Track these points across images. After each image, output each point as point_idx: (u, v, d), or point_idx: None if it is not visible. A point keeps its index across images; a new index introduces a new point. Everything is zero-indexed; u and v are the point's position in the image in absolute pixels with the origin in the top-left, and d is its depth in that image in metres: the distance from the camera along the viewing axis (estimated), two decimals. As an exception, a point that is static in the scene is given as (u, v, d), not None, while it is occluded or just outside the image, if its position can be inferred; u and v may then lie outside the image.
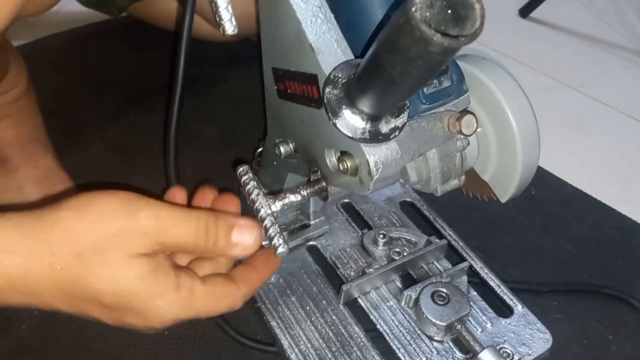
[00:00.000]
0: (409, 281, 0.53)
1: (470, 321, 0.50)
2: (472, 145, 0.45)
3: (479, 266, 0.55)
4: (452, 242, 0.56)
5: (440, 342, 0.48)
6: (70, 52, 0.79)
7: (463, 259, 0.55)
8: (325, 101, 0.35)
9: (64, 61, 0.78)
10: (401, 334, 0.49)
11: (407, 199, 0.61)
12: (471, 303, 0.49)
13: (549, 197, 0.66)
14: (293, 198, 0.41)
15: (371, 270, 0.52)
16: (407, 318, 0.50)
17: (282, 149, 0.46)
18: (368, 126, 0.34)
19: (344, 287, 0.50)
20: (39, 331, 0.51)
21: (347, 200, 0.60)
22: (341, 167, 0.37)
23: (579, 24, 0.95)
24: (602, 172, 0.70)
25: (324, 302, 0.51)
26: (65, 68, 0.77)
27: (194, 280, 0.35)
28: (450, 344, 0.48)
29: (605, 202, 0.66)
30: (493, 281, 0.53)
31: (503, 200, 0.47)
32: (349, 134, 0.34)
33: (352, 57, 0.37)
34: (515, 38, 0.91)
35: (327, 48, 0.36)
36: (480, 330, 0.49)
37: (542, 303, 0.55)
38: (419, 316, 0.49)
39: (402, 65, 0.27)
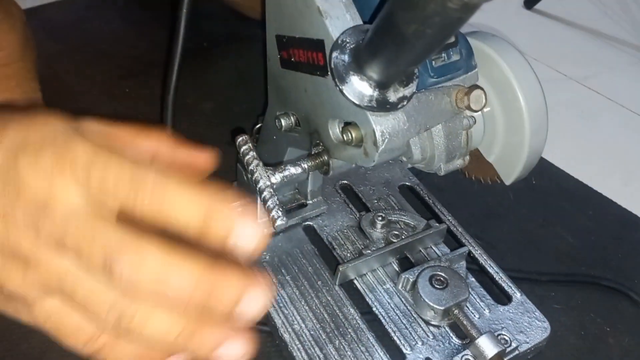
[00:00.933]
0: (406, 265, 0.52)
1: (467, 307, 0.49)
2: (478, 125, 0.44)
3: (477, 252, 0.53)
4: (452, 228, 0.55)
5: (437, 326, 0.47)
6: (68, 22, 0.77)
7: (462, 245, 0.54)
8: (332, 66, 0.33)
9: (61, 30, 0.76)
10: (397, 317, 0.48)
11: (407, 183, 0.60)
12: (470, 289, 0.48)
13: (550, 188, 0.65)
14: (293, 170, 0.40)
15: (368, 251, 0.50)
16: (404, 301, 0.49)
17: (283, 122, 0.44)
18: (376, 94, 0.33)
19: (340, 268, 0.49)
20: None
21: (345, 182, 0.59)
22: (345, 138, 0.36)
23: (584, 17, 0.94)
24: (603, 165, 0.70)
25: (319, 282, 0.50)
26: (63, 37, 0.75)
27: None
28: (447, 328, 0.47)
29: (607, 195, 0.65)
30: (492, 268, 0.52)
31: (507, 182, 0.45)
32: (356, 101, 0.33)
33: (361, 22, 0.35)
34: (519, 29, 0.90)
35: (336, 12, 0.35)
36: (477, 316, 0.48)
37: (540, 293, 0.54)
38: (416, 300, 0.48)
39: (417, 24, 0.26)
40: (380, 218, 0.53)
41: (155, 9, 0.79)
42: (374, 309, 0.49)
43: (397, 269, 0.51)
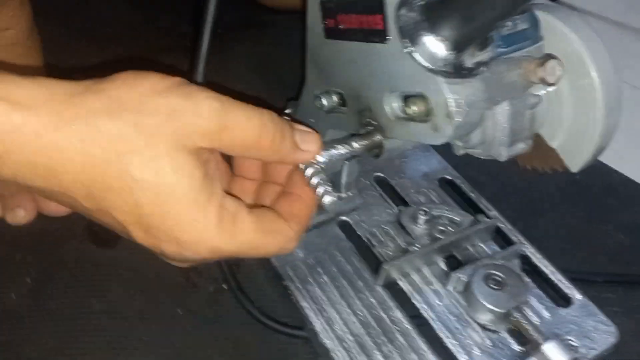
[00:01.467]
0: (453, 264, 0.47)
1: (525, 310, 0.44)
2: (541, 105, 0.39)
3: (530, 251, 0.49)
4: (499, 224, 0.51)
5: (495, 331, 0.43)
6: (72, 5, 0.72)
7: (510, 243, 0.50)
8: (401, 24, 0.28)
9: (64, 14, 0.70)
10: (449, 321, 0.43)
11: (447, 176, 0.55)
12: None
13: (593, 183, 0.61)
14: (342, 150, 0.35)
15: (415, 248, 0.46)
16: (456, 304, 0.44)
17: (324, 101, 0.40)
18: (451, 57, 0.28)
19: (385, 266, 0.44)
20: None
21: (380, 174, 0.54)
22: (409, 112, 0.31)
23: (609, 10, 0.90)
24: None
25: (359, 282, 0.45)
26: (66, 21, 0.70)
27: (239, 206, 0.29)
28: (506, 334, 0.43)
29: (653, 191, 0.61)
30: (548, 268, 0.48)
31: (575, 169, 0.41)
32: (429, 65, 0.28)
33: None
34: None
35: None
36: (537, 320, 0.44)
37: (595, 294, 0.50)
38: (471, 301, 0.43)
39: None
40: (423, 213, 0.49)
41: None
42: (423, 311, 0.44)
43: (445, 269, 0.47)
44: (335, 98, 0.38)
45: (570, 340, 0.42)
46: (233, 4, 0.77)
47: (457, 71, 0.29)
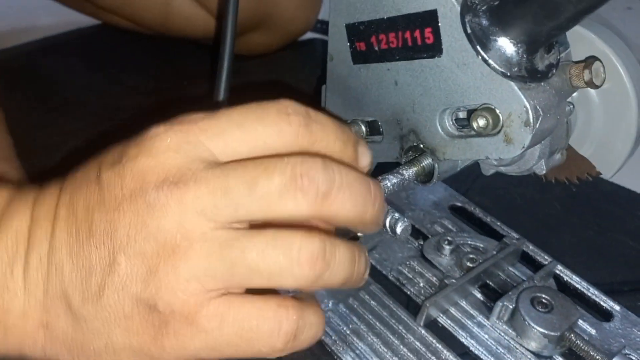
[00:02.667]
0: (488, 293, 0.45)
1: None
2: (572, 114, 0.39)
3: (559, 268, 0.47)
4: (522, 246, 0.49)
5: (549, 357, 0.40)
6: (23, 71, 0.67)
7: (536, 263, 0.48)
8: (470, 31, 0.27)
9: (16, 81, 0.65)
10: (502, 354, 0.40)
11: (457, 203, 0.53)
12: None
13: (592, 194, 0.61)
14: (394, 179, 0.33)
15: (453, 280, 0.43)
16: (504, 334, 0.42)
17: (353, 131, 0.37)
18: (524, 60, 0.27)
19: (427, 304, 0.41)
20: None
21: (390, 209, 0.52)
22: (476, 127, 0.29)
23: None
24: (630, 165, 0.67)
25: (400, 326, 0.42)
26: (19, 88, 0.64)
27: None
28: (560, 358, 0.40)
29: (646, 194, 0.61)
30: (581, 284, 0.46)
31: (609, 175, 0.40)
32: (504, 70, 0.27)
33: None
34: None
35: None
36: (586, 338, 0.42)
37: (626, 304, 0.49)
38: (521, 329, 0.41)
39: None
40: (446, 242, 0.46)
41: (117, 50, 0.71)
42: (472, 347, 0.41)
43: (482, 299, 0.44)
44: (363, 127, 0.36)
45: (629, 354, 0.40)
46: (196, 56, 0.75)
47: (532, 75, 0.27)
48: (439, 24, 0.28)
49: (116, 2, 0.66)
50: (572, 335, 0.40)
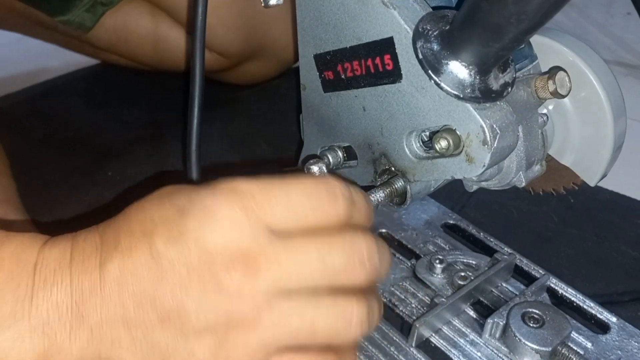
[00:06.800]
0: (480, 310, 0.45)
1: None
2: (548, 125, 0.39)
3: (554, 282, 0.47)
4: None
5: (543, 373, 0.40)
6: (26, 114, 0.69)
7: (529, 277, 0.48)
8: (421, 57, 0.27)
9: (19, 124, 0.68)
10: (495, 371, 0.40)
11: (450, 221, 0.53)
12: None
13: (590, 203, 0.60)
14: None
15: (443, 299, 0.43)
16: (496, 351, 0.41)
17: (330, 158, 0.38)
18: (477, 81, 0.27)
19: (417, 324, 0.41)
20: None
21: (383, 231, 0.52)
22: (440, 148, 0.29)
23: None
24: (629, 172, 0.66)
25: (392, 348, 0.42)
26: (23, 130, 0.67)
27: None
28: (555, 374, 0.40)
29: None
30: (576, 297, 0.46)
31: (592, 183, 0.40)
32: (457, 92, 0.27)
33: (430, 10, 0.30)
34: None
35: (402, 2, 0.29)
36: (582, 352, 0.41)
37: (626, 315, 0.48)
38: (512, 346, 0.40)
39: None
40: (438, 261, 0.46)
41: (118, 89, 0.73)
42: (465, 366, 0.41)
43: (474, 316, 0.44)
44: (340, 153, 0.37)
45: (625, 367, 0.40)
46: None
47: (485, 95, 0.28)
48: (396, 51, 0.29)
49: (111, 41, 0.68)
50: (564, 349, 0.40)
